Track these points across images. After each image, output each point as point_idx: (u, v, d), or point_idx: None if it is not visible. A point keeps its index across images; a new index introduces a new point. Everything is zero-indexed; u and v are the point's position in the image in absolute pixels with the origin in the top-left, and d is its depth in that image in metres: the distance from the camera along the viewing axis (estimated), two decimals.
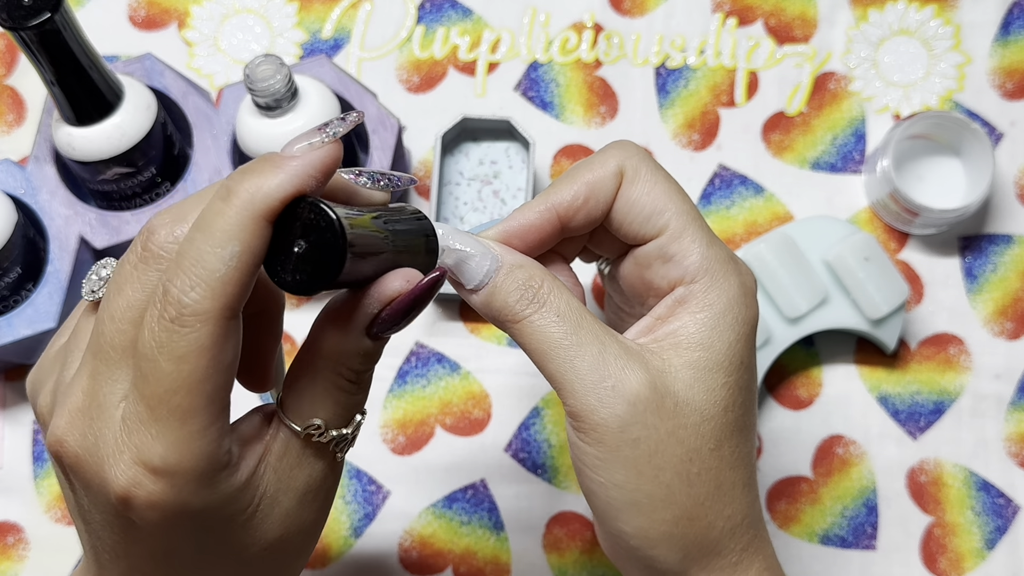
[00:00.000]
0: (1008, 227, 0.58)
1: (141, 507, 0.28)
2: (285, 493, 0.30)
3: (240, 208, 0.26)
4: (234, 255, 0.26)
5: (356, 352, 0.30)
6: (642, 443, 0.32)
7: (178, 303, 0.26)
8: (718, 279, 0.34)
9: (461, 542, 0.53)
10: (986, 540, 0.54)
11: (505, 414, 0.55)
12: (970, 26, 0.61)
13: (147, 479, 0.27)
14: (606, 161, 0.35)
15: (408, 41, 0.61)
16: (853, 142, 0.60)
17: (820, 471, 0.55)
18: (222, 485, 0.28)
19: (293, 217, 0.27)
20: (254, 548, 0.31)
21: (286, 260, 0.27)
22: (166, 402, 0.27)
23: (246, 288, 0.27)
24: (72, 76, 0.46)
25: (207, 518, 0.29)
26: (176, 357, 0.26)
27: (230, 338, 0.27)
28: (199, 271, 0.26)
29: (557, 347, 0.32)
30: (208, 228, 0.26)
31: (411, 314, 0.30)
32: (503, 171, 0.57)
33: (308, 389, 0.30)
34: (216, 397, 0.27)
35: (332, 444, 0.31)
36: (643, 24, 0.61)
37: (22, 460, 0.54)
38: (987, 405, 0.56)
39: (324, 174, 0.28)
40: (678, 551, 0.33)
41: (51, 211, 0.52)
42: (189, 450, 0.27)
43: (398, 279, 0.29)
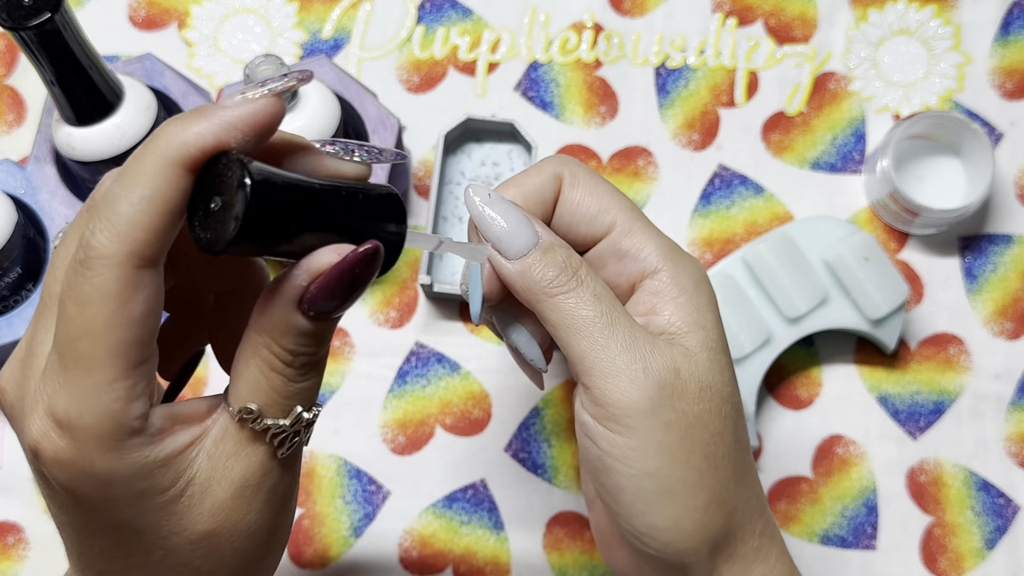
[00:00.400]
0: (1008, 227, 0.58)
1: (48, 462, 0.27)
2: (219, 483, 0.29)
3: (156, 154, 0.26)
4: (143, 198, 0.25)
5: (288, 328, 0.28)
6: (673, 427, 0.32)
7: (87, 245, 0.25)
8: (679, 264, 0.35)
9: (461, 542, 0.53)
10: (986, 540, 0.54)
11: (505, 414, 0.55)
12: (970, 26, 0.61)
13: (53, 432, 0.26)
14: (542, 168, 0.35)
15: (408, 41, 0.61)
16: (853, 142, 0.60)
17: (820, 471, 0.55)
18: (132, 454, 0.27)
19: (216, 171, 0.26)
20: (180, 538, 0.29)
21: (204, 216, 0.26)
22: (71, 348, 0.26)
23: (158, 236, 0.26)
24: (72, 76, 0.46)
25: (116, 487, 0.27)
26: (80, 300, 0.25)
27: (141, 288, 0.26)
28: (108, 214, 0.25)
29: (592, 325, 0.32)
30: (124, 173, 0.26)
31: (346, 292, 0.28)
32: (504, 173, 0.57)
33: (245, 369, 0.28)
34: (123, 352, 0.26)
35: (270, 436, 0.29)
36: (643, 24, 0.61)
37: (22, 460, 0.54)
38: (987, 405, 0.56)
39: (254, 128, 0.26)
40: (708, 541, 0.33)
41: (51, 211, 0.52)
42: (91, 404, 0.26)
43: (328, 251, 0.27)
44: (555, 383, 0.55)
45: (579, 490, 0.54)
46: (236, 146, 0.26)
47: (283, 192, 0.26)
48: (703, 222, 0.58)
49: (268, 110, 0.27)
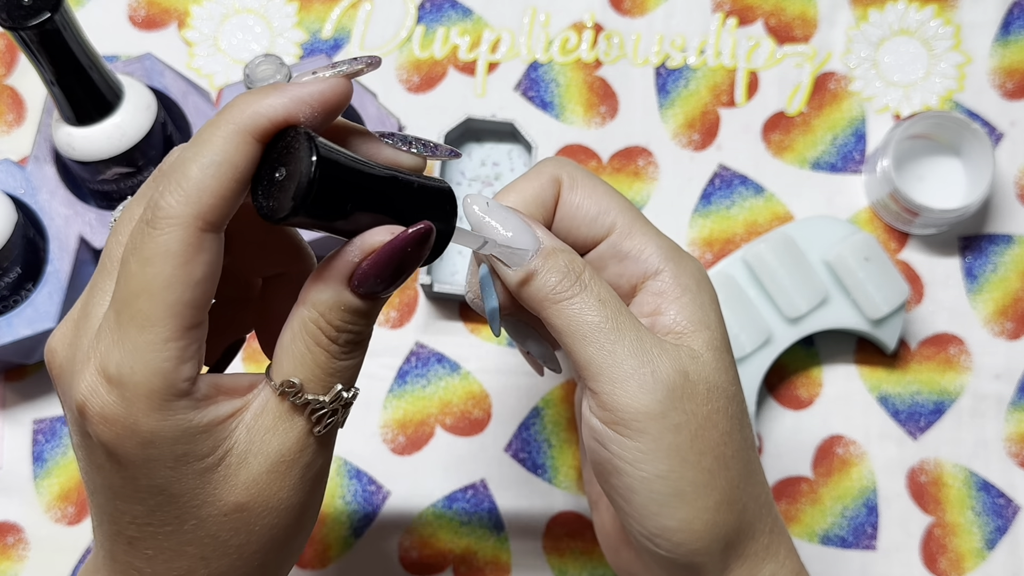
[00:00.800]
0: (1008, 227, 0.58)
1: (94, 419, 0.27)
2: (255, 456, 0.29)
3: (226, 121, 0.27)
4: (212, 163, 0.26)
5: (336, 304, 0.29)
6: (683, 429, 0.32)
7: (155, 206, 0.26)
8: (681, 264, 0.35)
9: (461, 542, 0.53)
10: (986, 540, 0.54)
11: (505, 414, 0.55)
12: (970, 26, 0.61)
13: (103, 387, 0.27)
14: (540, 172, 0.35)
15: (408, 41, 0.61)
16: (853, 142, 0.60)
17: (820, 471, 0.55)
18: (177, 416, 0.27)
19: (283, 143, 0.27)
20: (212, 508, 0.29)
21: (268, 185, 0.27)
22: (129, 305, 0.26)
23: (224, 200, 0.26)
24: (72, 76, 0.46)
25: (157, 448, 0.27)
26: (143, 258, 0.26)
27: (202, 252, 0.27)
28: (178, 177, 0.26)
29: (598, 331, 0.32)
30: (196, 139, 0.27)
31: (397, 271, 0.28)
32: (504, 173, 0.57)
33: (291, 344, 0.29)
34: (179, 312, 0.27)
35: (308, 411, 0.29)
36: (643, 24, 0.61)
37: (22, 460, 0.54)
38: (987, 405, 0.56)
39: (323, 105, 0.27)
40: (720, 540, 0.33)
41: (51, 211, 0.52)
42: (143, 360, 0.26)
43: (382, 231, 0.28)
44: (555, 383, 0.55)
45: (579, 490, 0.54)
46: (305, 121, 0.27)
47: (345, 170, 0.27)
48: (703, 222, 0.58)
49: (337, 89, 0.28)
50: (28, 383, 0.55)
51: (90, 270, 0.53)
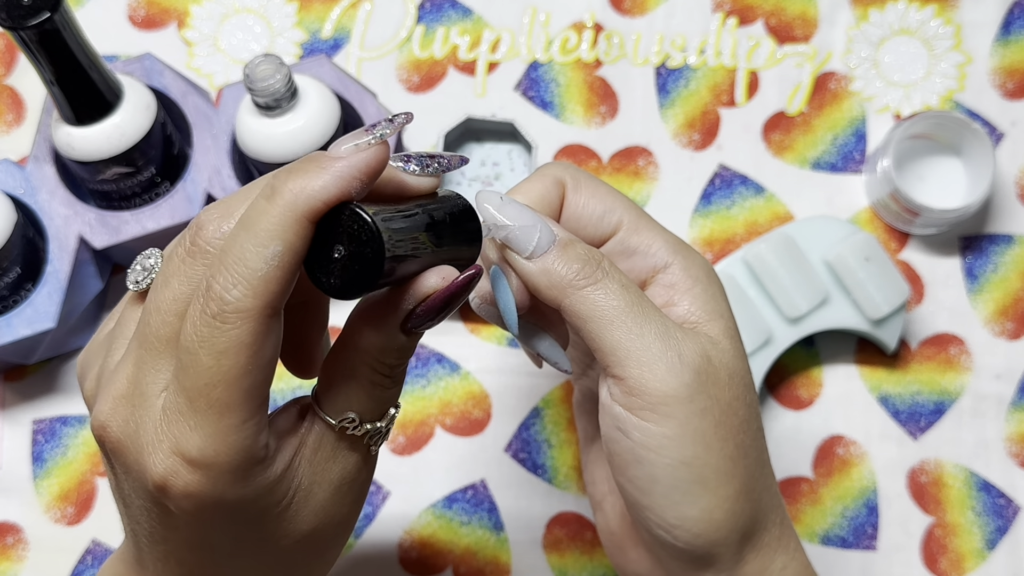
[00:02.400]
0: (1009, 227, 0.58)
1: (177, 496, 0.28)
2: (319, 486, 0.31)
3: (283, 208, 0.27)
4: (276, 255, 0.26)
5: (391, 347, 0.30)
6: (708, 414, 0.32)
7: (220, 299, 0.26)
8: (688, 256, 0.35)
9: (461, 542, 0.53)
10: (987, 540, 0.54)
11: (505, 414, 0.55)
12: (971, 26, 0.61)
13: (184, 469, 0.28)
14: (544, 175, 0.36)
15: (408, 41, 0.61)
16: (854, 142, 0.59)
17: (821, 471, 0.55)
18: (257, 479, 0.29)
19: (336, 221, 0.27)
20: (288, 540, 0.31)
21: (326, 263, 0.28)
22: (205, 395, 0.27)
23: (287, 287, 0.27)
24: (71, 76, 0.46)
25: (242, 510, 0.29)
26: (217, 352, 0.27)
27: (270, 335, 0.27)
28: (241, 269, 0.26)
29: (625, 315, 0.32)
30: (252, 226, 0.27)
31: (446, 310, 0.30)
32: (505, 173, 0.57)
33: (343, 383, 0.30)
34: (254, 393, 0.28)
35: (366, 437, 0.31)
36: (643, 24, 0.61)
37: (22, 460, 0.54)
38: (988, 405, 0.56)
39: (369, 176, 0.28)
40: (738, 531, 0.33)
41: (50, 211, 0.52)
42: (226, 443, 0.27)
43: (434, 276, 0.29)
44: (555, 383, 0.55)
45: (579, 490, 0.54)
46: (356, 196, 0.28)
47: (397, 233, 0.28)
48: (703, 222, 0.58)
49: (380, 157, 0.28)
50: (28, 383, 0.55)
51: (90, 270, 0.53)
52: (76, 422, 0.55)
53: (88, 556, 0.53)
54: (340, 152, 0.28)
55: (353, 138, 0.28)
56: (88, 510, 0.54)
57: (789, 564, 0.35)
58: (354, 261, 0.27)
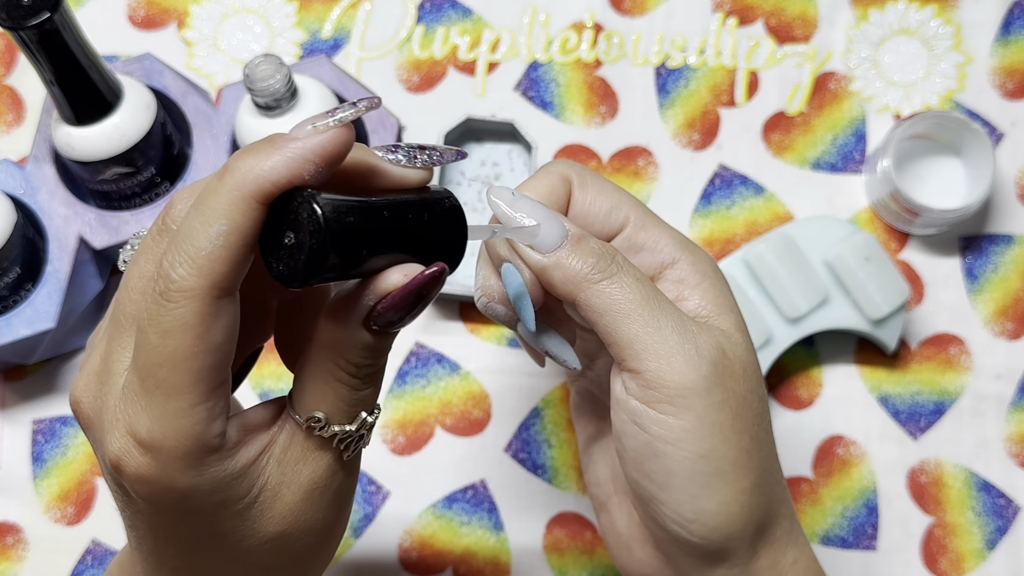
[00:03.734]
0: (1009, 227, 0.58)
1: (130, 478, 0.28)
2: (288, 487, 0.30)
3: (231, 187, 0.26)
4: (220, 233, 0.26)
5: (354, 344, 0.29)
6: (725, 406, 0.32)
7: (167, 278, 0.26)
8: (695, 252, 0.36)
9: (461, 542, 0.53)
10: (987, 540, 0.54)
11: (505, 414, 0.55)
12: (971, 26, 0.61)
13: (135, 450, 0.27)
14: (550, 172, 0.36)
15: (408, 41, 0.61)
16: (854, 142, 0.59)
17: (821, 471, 0.55)
18: (212, 469, 0.28)
19: (289, 207, 0.26)
20: (254, 540, 0.30)
21: (276, 248, 0.27)
22: (153, 375, 0.27)
23: (234, 268, 0.26)
24: (71, 76, 0.46)
25: (197, 500, 0.28)
26: (162, 331, 0.26)
27: (219, 317, 0.27)
28: (187, 247, 0.26)
29: (641, 308, 0.32)
30: (199, 205, 0.26)
31: (412, 309, 0.29)
32: (504, 173, 0.57)
33: (310, 381, 0.29)
34: (204, 376, 0.27)
35: (336, 441, 0.30)
36: (643, 24, 0.61)
37: (21, 461, 0.54)
38: (988, 405, 0.56)
39: (326, 160, 0.27)
40: (753, 524, 0.33)
41: (50, 211, 0.52)
42: (173, 427, 0.27)
43: (396, 273, 0.28)
44: (555, 383, 0.55)
45: (579, 490, 0.54)
46: (309, 180, 0.26)
47: (355, 226, 0.27)
48: (703, 222, 0.58)
49: (339, 140, 0.27)
50: (28, 383, 0.55)
51: (90, 270, 0.53)
52: (76, 422, 0.55)
53: (88, 556, 0.53)
54: (298, 133, 0.27)
55: (312, 120, 0.27)
56: (88, 510, 0.54)
57: (799, 558, 0.35)
58: (301, 249, 0.26)
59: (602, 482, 0.41)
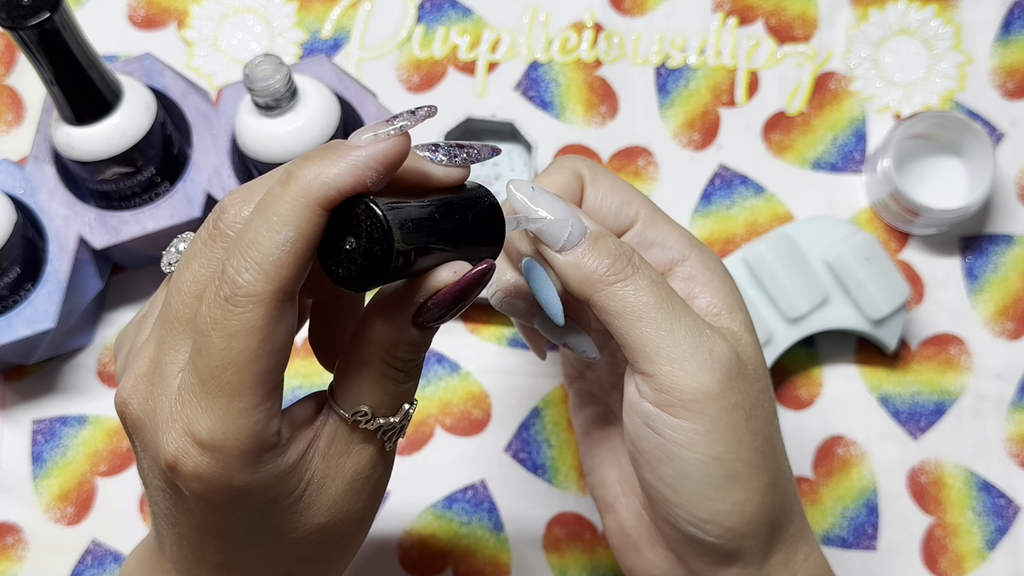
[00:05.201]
0: (1009, 227, 0.58)
1: (187, 477, 0.28)
2: (333, 480, 0.31)
3: (297, 194, 0.27)
4: (288, 240, 0.26)
5: (403, 341, 0.30)
6: (739, 409, 0.32)
7: (232, 283, 0.27)
8: (703, 250, 0.36)
9: (461, 542, 0.53)
10: (987, 540, 0.54)
11: (505, 414, 0.55)
12: (971, 26, 0.61)
13: (194, 450, 0.28)
14: (563, 167, 0.36)
15: (408, 41, 0.61)
16: (854, 142, 0.59)
17: (821, 471, 0.55)
18: (268, 466, 0.29)
19: (350, 213, 0.27)
20: (299, 532, 0.31)
21: (337, 253, 0.28)
22: (216, 377, 0.27)
23: (299, 272, 0.27)
24: (71, 76, 0.46)
25: (251, 497, 0.29)
26: (228, 335, 0.27)
27: (283, 320, 0.27)
28: (254, 254, 0.26)
29: (655, 311, 0.32)
30: (265, 211, 0.27)
31: (459, 304, 0.29)
32: (505, 173, 0.57)
33: (356, 376, 0.30)
34: (266, 378, 0.27)
35: (380, 432, 0.31)
36: (643, 24, 0.61)
37: (21, 461, 0.54)
38: (988, 405, 0.56)
39: (387, 167, 0.27)
40: (768, 523, 0.33)
41: (50, 211, 0.52)
42: (236, 427, 0.27)
43: (446, 270, 0.29)
44: (554, 383, 0.55)
45: (579, 490, 0.54)
46: (371, 186, 0.27)
47: (412, 229, 0.28)
48: (703, 222, 0.58)
49: (399, 148, 0.27)
50: (28, 383, 0.55)
51: (89, 270, 0.53)
52: (76, 422, 0.55)
53: (88, 556, 0.53)
54: (359, 141, 0.27)
55: (373, 128, 0.28)
56: (88, 510, 0.54)
57: (810, 555, 0.35)
58: (364, 255, 0.27)
59: (608, 483, 0.41)
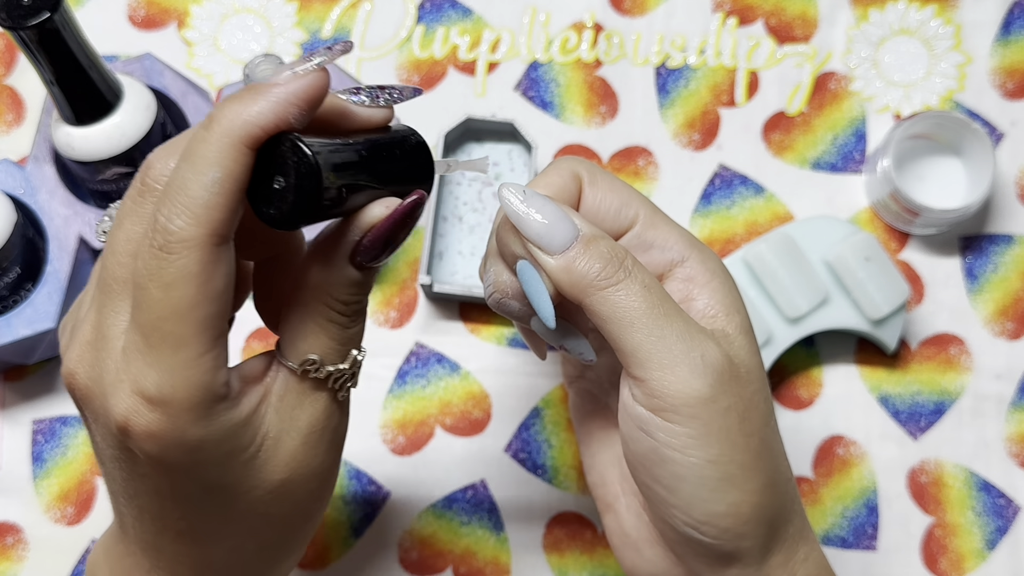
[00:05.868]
0: (1009, 227, 0.58)
1: (139, 437, 0.28)
2: (288, 433, 0.31)
3: (220, 135, 0.27)
4: (215, 181, 0.26)
5: (342, 282, 0.30)
6: (732, 412, 0.32)
7: (164, 231, 0.27)
8: (703, 251, 0.36)
9: (461, 542, 0.53)
10: (987, 540, 0.54)
11: (505, 414, 0.55)
12: (971, 26, 0.61)
13: (144, 407, 0.27)
14: (561, 168, 0.36)
15: (408, 41, 0.61)
16: (854, 142, 0.59)
17: (821, 471, 0.55)
18: (220, 418, 0.28)
19: (276, 151, 0.27)
20: (259, 490, 0.31)
21: (266, 193, 0.28)
22: (158, 329, 0.27)
23: (231, 214, 0.27)
24: (71, 76, 0.46)
25: (206, 452, 0.29)
26: (164, 284, 0.27)
27: (219, 265, 0.27)
28: (182, 199, 0.26)
29: (646, 316, 0.32)
30: (190, 157, 0.27)
31: (393, 241, 0.30)
32: (504, 173, 0.57)
33: (300, 325, 0.30)
34: (208, 325, 0.27)
35: (330, 381, 0.31)
36: (643, 24, 0.61)
37: (21, 461, 0.54)
38: (988, 405, 0.56)
39: (307, 102, 0.28)
40: (765, 524, 0.33)
41: (50, 211, 0.52)
42: (183, 378, 0.27)
43: (378, 206, 0.29)
44: (554, 383, 0.55)
45: (579, 490, 0.54)
46: (293, 122, 0.28)
47: (340, 165, 0.28)
48: (703, 222, 0.58)
49: (318, 83, 0.28)
50: (28, 383, 0.55)
51: (89, 270, 0.53)
52: (76, 422, 0.55)
53: (88, 556, 0.53)
54: (279, 80, 0.28)
55: (291, 67, 0.28)
56: (88, 510, 0.54)
57: (810, 554, 0.35)
58: (293, 191, 0.27)
59: (608, 483, 0.41)
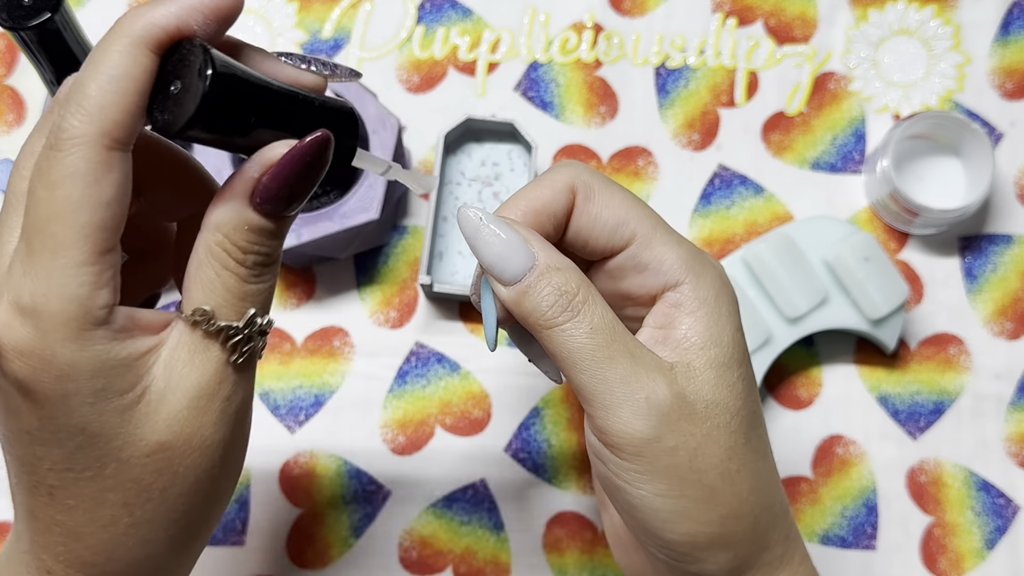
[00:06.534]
0: (1008, 227, 0.58)
1: (8, 354, 0.26)
2: (174, 392, 0.29)
3: (120, 35, 0.26)
4: (111, 78, 0.26)
5: (240, 224, 0.28)
6: (680, 450, 0.32)
7: (57, 129, 0.26)
8: (700, 275, 0.34)
9: (461, 542, 0.53)
10: (986, 540, 0.54)
11: (505, 414, 0.55)
12: (970, 26, 0.61)
13: (16, 320, 0.26)
14: (554, 180, 0.34)
15: (408, 41, 0.61)
16: (853, 142, 0.60)
17: (820, 471, 0.55)
18: (95, 346, 0.27)
19: (178, 58, 0.27)
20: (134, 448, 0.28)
21: (164, 99, 0.27)
22: (40, 231, 0.26)
23: (127, 115, 0.26)
24: None
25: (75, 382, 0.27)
26: (50, 182, 0.26)
27: (111, 171, 0.26)
28: (77, 97, 0.26)
29: (589, 359, 0.31)
30: (92, 60, 0.26)
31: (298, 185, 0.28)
32: (504, 173, 0.57)
33: (197, 272, 0.29)
34: (92, 234, 0.26)
35: (224, 340, 0.29)
36: (643, 24, 0.61)
37: None
38: (987, 405, 0.56)
39: (215, 13, 0.27)
40: (728, 551, 0.33)
41: None
42: (57, 287, 0.26)
43: (280, 144, 0.28)
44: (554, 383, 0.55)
45: (579, 490, 0.54)
46: (198, 30, 0.27)
47: (243, 84, 0.27)
48: (703, 222, 0.58)
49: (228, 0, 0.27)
50: None
51: None
52: None
53: None
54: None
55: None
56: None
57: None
58: (186, 94, 0.26)
59: None
